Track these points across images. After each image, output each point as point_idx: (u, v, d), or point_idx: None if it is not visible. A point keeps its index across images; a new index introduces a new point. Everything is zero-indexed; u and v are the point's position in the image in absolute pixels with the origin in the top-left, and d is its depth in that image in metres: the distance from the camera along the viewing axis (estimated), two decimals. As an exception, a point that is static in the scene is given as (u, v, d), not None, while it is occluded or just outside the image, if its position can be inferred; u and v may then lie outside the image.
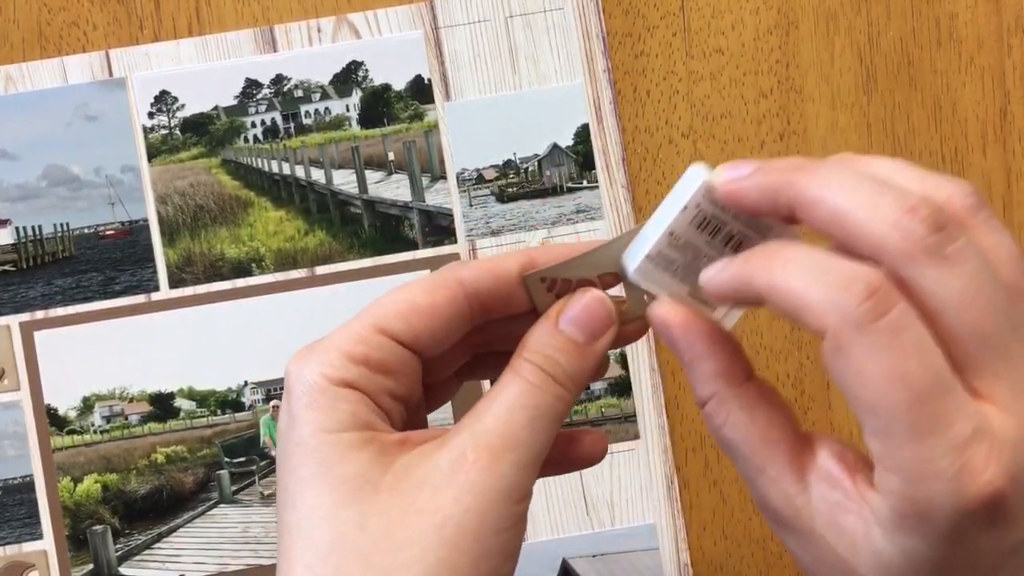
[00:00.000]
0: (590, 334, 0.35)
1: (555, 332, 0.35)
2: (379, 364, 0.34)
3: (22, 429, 0.60)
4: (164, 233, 0.61)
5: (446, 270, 0.35)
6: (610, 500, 0.61)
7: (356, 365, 0.33)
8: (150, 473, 0.61)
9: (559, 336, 0.35)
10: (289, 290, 0.61)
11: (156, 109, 0.61)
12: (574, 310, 0.35)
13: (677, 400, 0.61)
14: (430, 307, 0.34)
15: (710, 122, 0.61)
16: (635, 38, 0.61)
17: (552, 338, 0.35)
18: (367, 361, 0.33)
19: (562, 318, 0.35)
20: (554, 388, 0.34)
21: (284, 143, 0.62)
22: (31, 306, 0.61)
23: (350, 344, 0.34)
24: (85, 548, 0.60)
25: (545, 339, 0.35)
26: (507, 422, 0.33)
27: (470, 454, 0.32)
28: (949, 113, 0.61)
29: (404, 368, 0.34)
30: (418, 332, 0.34)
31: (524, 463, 0.33)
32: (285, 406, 0.34)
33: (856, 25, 0.61)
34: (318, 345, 0.34)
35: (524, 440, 0.33)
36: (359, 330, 0.34)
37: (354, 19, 0.61)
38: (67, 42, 0.61)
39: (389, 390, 0.34)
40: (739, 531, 0.61)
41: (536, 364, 0.34)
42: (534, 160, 0.61)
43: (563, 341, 0.35)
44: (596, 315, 0.35)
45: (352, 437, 0.33)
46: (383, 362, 0.34)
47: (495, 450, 0.33)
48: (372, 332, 0.34)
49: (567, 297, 0.35)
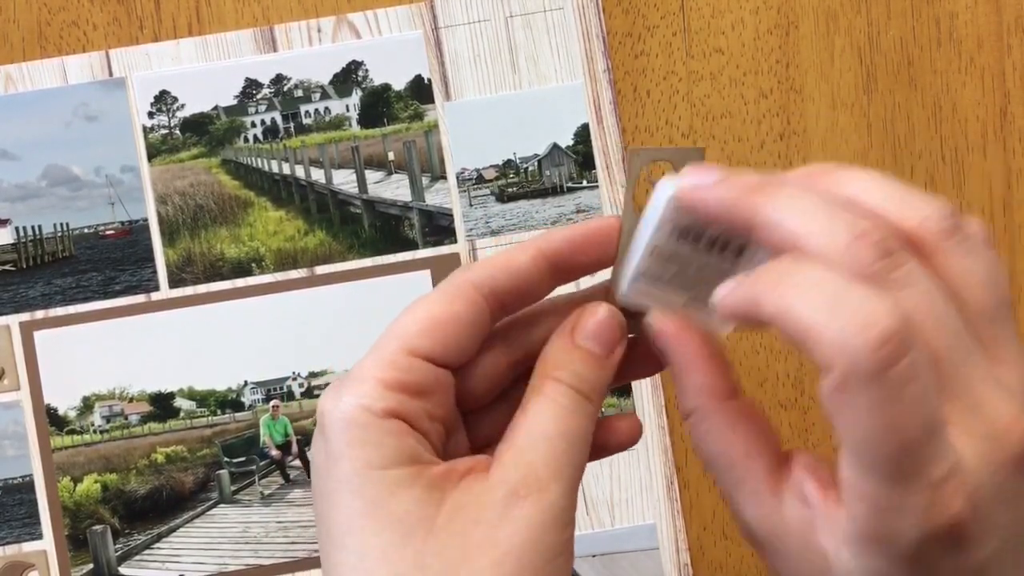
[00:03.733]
0: (607, 346, 0.35)
1: (573, 348, 0.34)
2: (415, 387, 0.33)
3: (22, 429, 0.60)
4: (164, 233, 0.61)
5: (457, 276, 0.35)
6: (610, 500, 0.61)
7: (393, 392, 0.32)
8: (150, 473, 0.61)
9: (578, 351, 0.34)
10: (289, 290, 0.61)
11: (156, 109, 0.61)
12: (588, 325, 0.35)
13: (677, 401, 0.61)
14: (452, 318, 0.34)
15: (710, 122, 0.61)
16: (635, 38, 0.61)
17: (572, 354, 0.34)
18: (403, 386, 0.33)
19: (577, 333, 0.35)
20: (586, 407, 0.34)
21: (284, 143, 0.62)
22: (31, 306, 0.61)
23: (383, 371, 0.33)
24: (85, 548, 0.60)
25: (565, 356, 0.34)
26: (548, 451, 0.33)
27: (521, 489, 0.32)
28: (949, 113, 0.61)
29: (439, 387, 0.34)
30: (446, 346, 0.33)
31: (569, 489, 0.33)
32: (320, 444, 0.33)
33: (856, 25, 0.61)
34: (350, 377, 0.33)
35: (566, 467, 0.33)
36: (388, 355, 0.33)
37: (354, 19, 0.61)
38: (67, 42, 0.61)
39: (428, 412, 0.33)
40: (739, 531, 0.61)
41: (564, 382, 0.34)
42: (534, 160, 0.61)
43: (584, 355, 0.34)
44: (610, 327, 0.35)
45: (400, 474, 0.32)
46: (419, 384, 0.33)
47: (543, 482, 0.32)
48: (402, 355, 0.33)
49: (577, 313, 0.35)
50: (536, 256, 0.35)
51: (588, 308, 0.35)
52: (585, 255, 0.35)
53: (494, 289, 0.34)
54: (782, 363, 0.61)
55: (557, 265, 0.35)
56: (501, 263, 0.35)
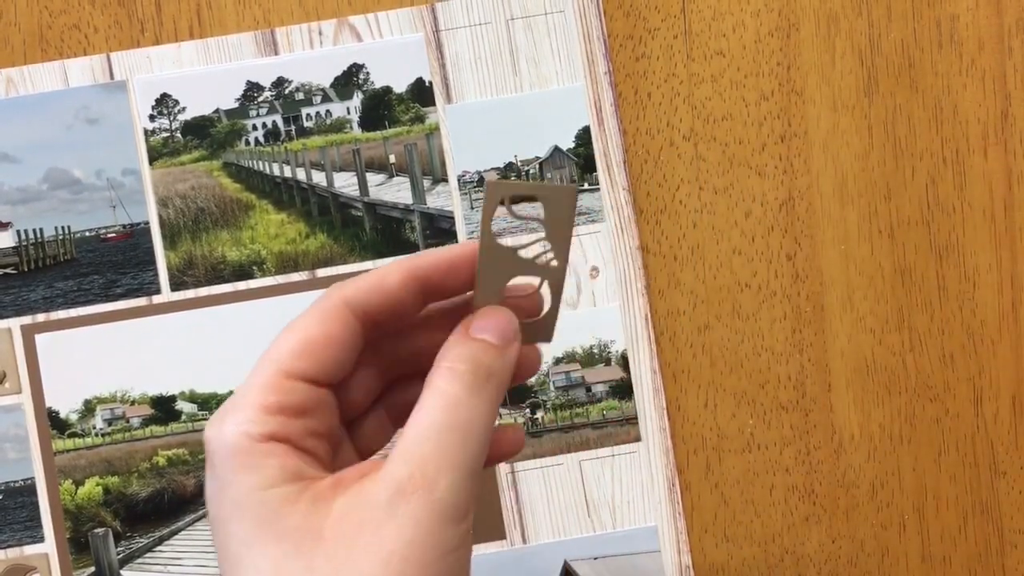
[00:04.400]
0: (503, 338, 0.36)
1: (469, 339, 0.35)
2: (294, 408, 0.34)
3: (23, 432, 0.60)
4: (165, 236, 0.61)
5: (331, 295, 0.36)
6: (611, 502, 0.61)
7: (273, 416, 0.34)
8: (151, 476, 0.61)
9: (474, 342, 0.35)
10: (290, 293, 0.61)
11: (157, 112, 0.61)
12: (483, 320, 0.36)
13: (678, 402, 0.61)
14: (327, 338, 0.35)
15: (711, 124, 0.61)
16: (636, 40, 0.61)
17: (467, 344, 0.35)
18: (282, 409, 0.34)
19: (473, 328, 0.35)
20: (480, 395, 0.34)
21: (285, 146, 0.62)
22: (32, 309, 0.61)
23: (262, 396, 0.34)
24: (86, 551, 0.60)
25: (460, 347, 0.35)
26: (437, 445, 0.33)
27: (407, 486, 0.32)
28: (950, 115, 0.61)
29: (319, 405, 0.35)
30: (323, 366, 0.35)
31: (460, 483, 0.33)
32: (210, 471, 0.34)
33: (857, 27, 0.61)
34: (230, 405, 0.34)
35: (458, 460, 0.33)
36: (267, 379, 0.34)
37: (355, 22, 0.61)
38: (68, 45, 0.61)
39: (311, 430, 0.35)
40: (740, 533, 0.61)
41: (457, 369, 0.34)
42: (535, 162, 0.61)
43: (480, 344, 0.35)
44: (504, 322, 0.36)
45: (285, 491, 0.33)
46: (298, 405, 0.34)
47: (429, 477, 0.33)
48: (280, 378, 0.34)
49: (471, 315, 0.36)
50: (407, 277, 0.36)
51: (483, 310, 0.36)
52: (453, 277, 0.36)
53: (366, 309, 0.35)
54: (783, 365, 0.61)
55: (426, 286, 0.36)
56: (374, 283, 0.36)
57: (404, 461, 0.33)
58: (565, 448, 0.61)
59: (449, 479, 0.33)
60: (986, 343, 0.62)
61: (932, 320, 0.62)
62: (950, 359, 0.62)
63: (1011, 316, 0.62)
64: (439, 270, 0.36)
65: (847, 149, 0.61)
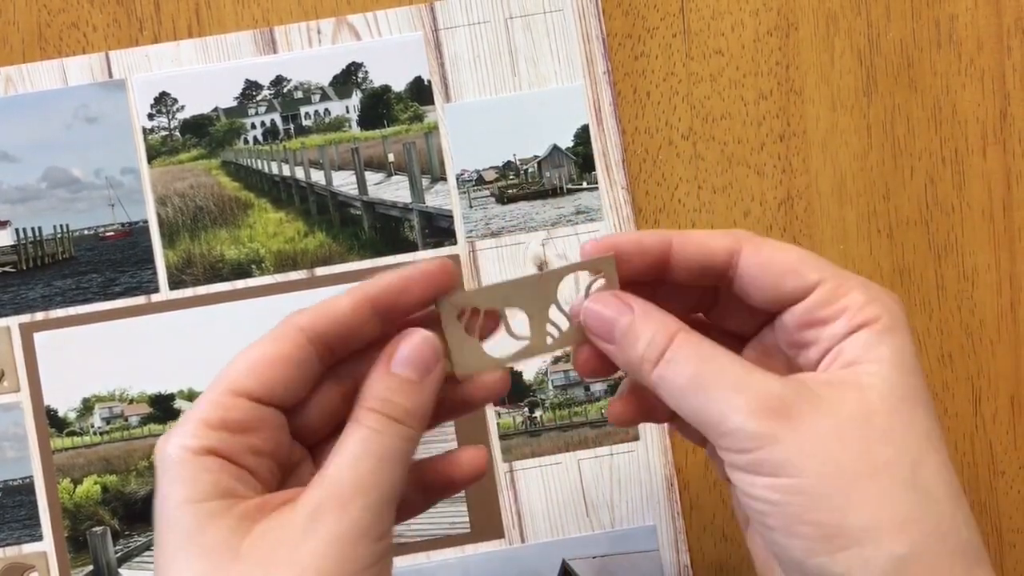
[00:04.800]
0: (422, 370, 0.37)
1: (389, 376, 0.37)
2: (236, 424, 0.36)
3: (22, 431, 0.60)
4: (164, 235, 0.61)
5: (285, 320, 0.37)
6: (610, 502, 0.61)
7: (214, 430, 0.35)
8: (150, 475, 0.61)
9: (394, 378, 0.37)
10: (289, 291, 0.61)
11: (156, 111, 0.61)
12: (403, 352, 0.37)
13: (677, 402, 0.61)
14: (277, 358, 0.36)
15: (710, 123, 0.61)
16: (635, 39, 0.61)
17: (387, 382, 0.37)
18: (224, 424, 0.35)
19: (393, 362, 0.37)
20: (396, 428, 0.36)
21: (284, 144, 0.62)
22: (31, 307, 0.61)
23: (207, 411, 0.36)
24: (85, 550, 0.61)
25: (381, 385, 0.37)
26: (353, 469, 0.35)
27: (323, 507, 0.34)
28: (949, 115, 0.61)
29: (264, 424, 0.36)
30: (270, 384, 0.36)
31: (375, 504, 0.35)
32: (156, 483, 0.35)
33: (856, 27, 0.61)
34: (180, 419, 0.36)
35: (372, 483, 0.35)
36: (213, 396, 0.36)
37: (354, 20, 0.61)
38: (67, 43, 0.61)
39: (253, 448, 0.36)
40: (739, 533, 0.61)
41: (375, 409, 0.36)
42: (534, 161, 0.61)
43: (398, 382, 0.37)
44: (423, 354, 0.37)
45: (212, 506, 0.34)
46: (240, 422, 0.36)
47: (344, 498, 0.34)
48: (226, 395, 0.36)
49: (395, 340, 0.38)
50: (359, 301, 0.37)
51: (404, 335, 0.38)
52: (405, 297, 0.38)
53: (319, 332, 0.37)
54: (782, 365, 0.61)
55: (379, 307, 0.38)
56: (325, 309, 0.37)
57: (322, 487, 0.35)
58: (563, 447, 0.61)
59: (363, 501, 0.34)
60: (985, 343, 0.62)
61: (931, 320, 0.62)
62: (949, 359, 0.62)
63: (1010, 316, 0.62)
64: (390, 291, 0.38)
65: (846, 149, 0.61)
